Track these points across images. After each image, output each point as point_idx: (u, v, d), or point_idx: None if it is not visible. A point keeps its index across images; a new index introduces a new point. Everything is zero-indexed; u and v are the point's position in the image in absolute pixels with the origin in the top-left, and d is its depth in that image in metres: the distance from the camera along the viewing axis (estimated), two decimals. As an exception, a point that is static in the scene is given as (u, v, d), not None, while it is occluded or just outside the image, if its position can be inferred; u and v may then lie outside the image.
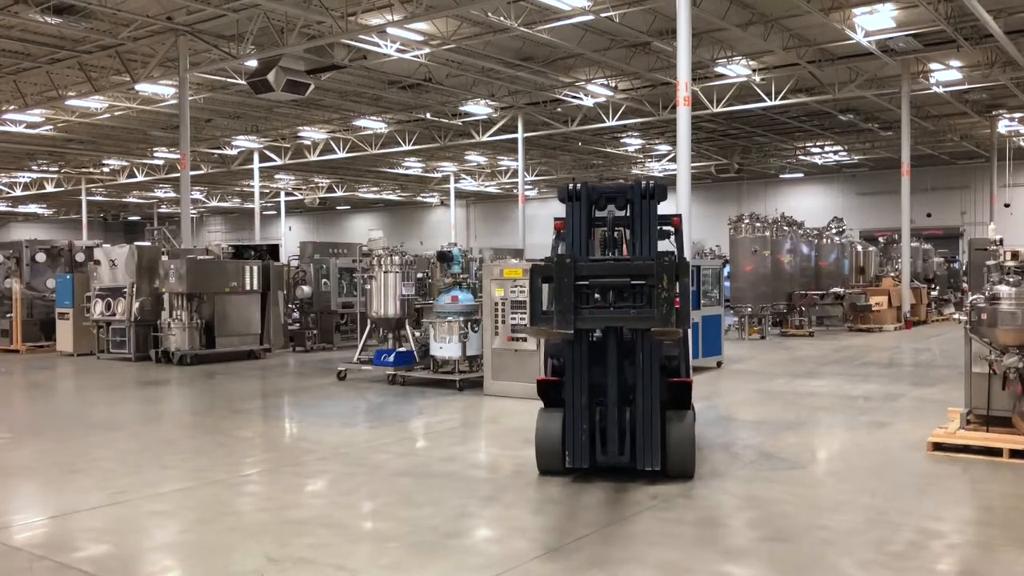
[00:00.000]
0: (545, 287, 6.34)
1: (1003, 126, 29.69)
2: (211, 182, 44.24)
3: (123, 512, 6.03)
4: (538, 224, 35.06)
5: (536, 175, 41.12)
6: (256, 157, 34.37)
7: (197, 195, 47.90)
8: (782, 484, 6.55)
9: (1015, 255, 7.48)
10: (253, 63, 18.81)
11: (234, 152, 34.63)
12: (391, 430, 9.15)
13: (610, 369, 6.41)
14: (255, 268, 16.40)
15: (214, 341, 15.73)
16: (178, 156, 19.57)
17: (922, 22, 17.83)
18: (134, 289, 16.19)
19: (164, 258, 16.07)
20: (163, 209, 53.29)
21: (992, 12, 16.35)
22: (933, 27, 17.99)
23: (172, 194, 46.52)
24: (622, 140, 33.56)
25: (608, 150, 35.01)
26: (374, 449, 8.04)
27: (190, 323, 15.36)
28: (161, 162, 36.58)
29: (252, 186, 37.08)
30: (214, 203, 52.18)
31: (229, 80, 21.71)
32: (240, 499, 6.49)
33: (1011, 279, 7.34)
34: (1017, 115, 28.36)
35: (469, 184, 44.46)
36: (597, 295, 6.18)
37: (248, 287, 16.20)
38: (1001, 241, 8.34)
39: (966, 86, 23.29)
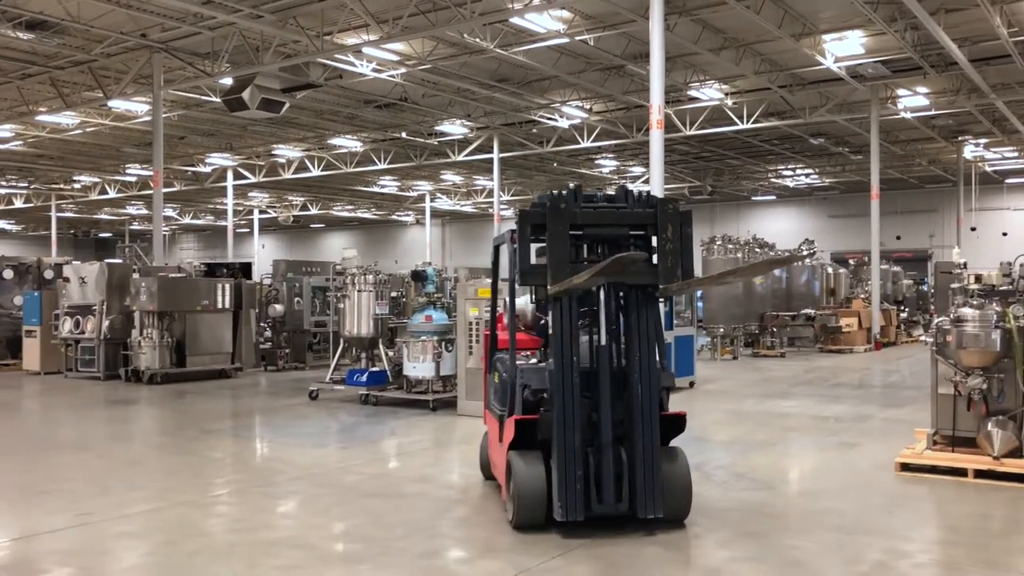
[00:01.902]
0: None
1: (969, 151, 30.27)
2: (184, 199, 43.92)
3: (89, 534, 5.94)
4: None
5: (512, 195, 41.25)
6: (230, 174, 34.19)
7: (170, 212, 47.52)
8: (751, 505, 6.59)
9: (979, 278, 7.63)
10: (228, 81, 18.78)
11: (208, 169, 34.43)
12: (363, 450, 9.09)
13: (603, 403, 5.56)
14: (227, 286, 16.28)
15: (185, 360, 15.56)
16: (151, 173, 19.45)
17: (890, 49, 18.19)
18: (104, 307, 16.00)
19: (135, 276, 15.92)
20: (135, 226, 52.79)
21: (957, 41, 16.72)
22: (901, 54, 18.36)
23: (144, 211, 46.10)
24: (597, 161, 33.81)
25: (583, 171, 35.24)
26: (345, 470, 7.99)
27: (161, 342, 15.20)
28: (133, 179, 36.29)
29: (225, 203, 36.86)
30: (187, 220, 51.78)
31: (203, 98, 21.63)
32: (209, 520, 6.42)
33: (975, 302, 7.48)
34: (982, 141, 28.94)
35: (444, 203, 44.50)
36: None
37: (220, 305, 16.07)
38: (965, 265, 8.48)
39: (933, 112, 23.74)
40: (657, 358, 5.70)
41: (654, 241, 5.71)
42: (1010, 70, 19.60)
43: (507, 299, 6.47)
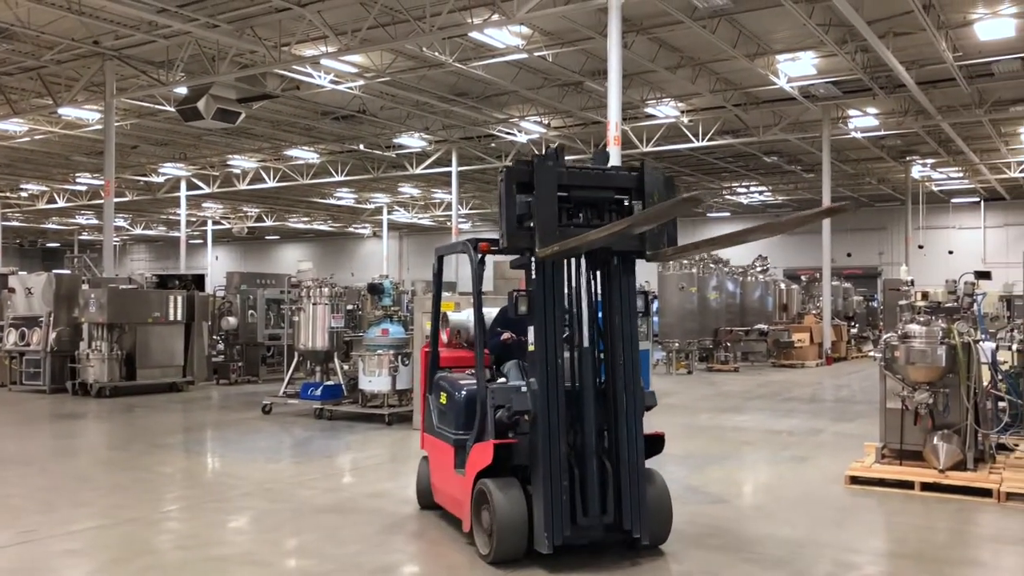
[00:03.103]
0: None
1: (917, 171, 31.03)
2: (136, 209, 43.16)
3: (32, 551, 5.78)
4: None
5: (470, 208, 41.27)
6: (183, 185, 33.69)
7: (121, 222, 46.65)
8: (707, 518, 6.64)
9: (925, 295, 7.82)
10: (183, 90, 18.53)
11: (161, 179, 33.89)
12: (317, 465, 8.99)
13: (587, 416, 5.30)
14: (179, 298, 16.02)
15: (135, 373, 15.25)
16: (102, 182, 19.08)
17: (841, 70, 18.61)
18: (51, 318, 15.63)
19: (84, 287, 15.59)
20: (85, 236, 51.70)
21: (905, 64, 17.17)
22: (851, 76, 18.79)
23: (95, 221, 45.19)
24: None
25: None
26: (300, 485, 7.89)
27: (110, 354, 14.88)
28: (83, 188, 35.56)
29: (179, 214, 36.27)
30: (138, 231, 50.90)
31: (157, 107, 21.31)
32: (158, 537, 6.29)
33: (922, 319, 7.67)
34: (929, 161, 29.69)
35: (402, 216, 44.35)
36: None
37: (172, 318, 15.80)
38: (913, 282, 8.70)
39: (882, 132, 24.34)
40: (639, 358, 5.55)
41: (636, 208, 5.46)
42: (955, 93, 20.19)
43: (473, 313, 6.09)
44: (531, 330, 5.29)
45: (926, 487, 7.33)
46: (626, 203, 5.52)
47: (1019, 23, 15.59)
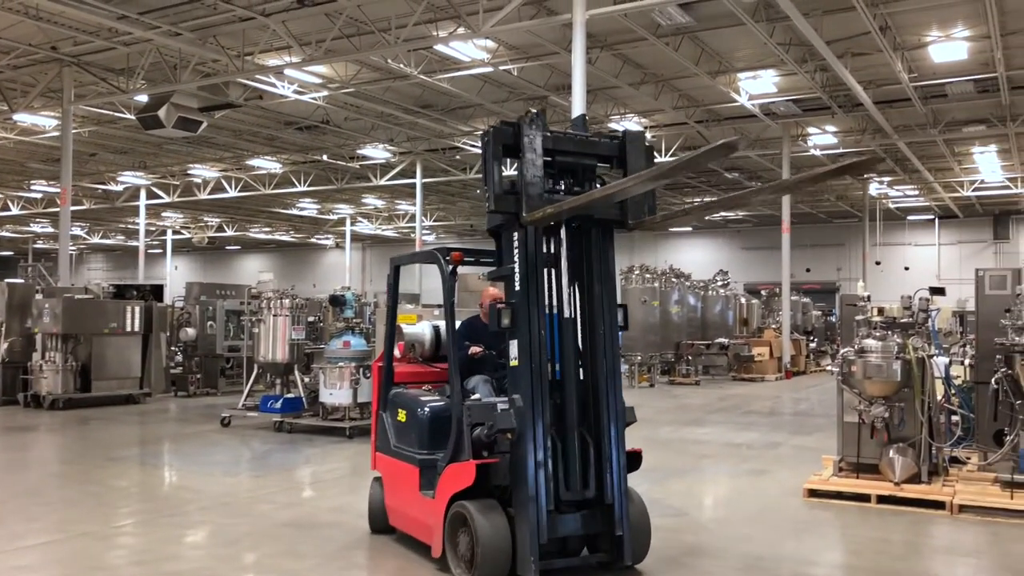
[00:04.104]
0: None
1: (874, 189, 31.63)
2: (94, 218, 42.43)
3: (-20, 568, 5.63)
4: (434, 270, 34.99)
5: (434, 220, 41.21)
6: (143, 194, 33.20)
7: (78, 231, 45.80)
8: (667, 531, 6.67)
9: (881, 311, 7.96)
10: (143, 98, 18.29)
11: (119, 188, 33.36)
12: (276, 479, 8.88)
13: (568, 400, 5.17)
14: (137, 309, 15.77)
15: (90, 385, 14.95)
16: (58, 190, 18.73)
17: (801, 89, 18.94)
18: (3, 328, 15.28)
19: (38, 296, 15.26)
20: (39, 245, 50.67)
21: (863, 83, 17.53)
22: (811, 94, 19.14)
23: (50, 229, 44.32)
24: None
25: (505, 198, 35.48)
26: (258, 499, 7.79)
27: (64, 365, 14.58)
28: (39, 195, 34.86)
29: (137, 223, 35.72)
30: (96, 240, 49.98)
31: (117, 114, 21.01)
32: (112, 552, 6.16)
33: (877, 333, 7.80)
34: (886, 179, 30.30)
35: (365, 227, 44.13)
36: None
37: (129, 328, 15.53)
38: (869, 298, 8.85)
39: (840, 150, 24.78)
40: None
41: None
42: (911, 113, 20.66)
43: (445, 325, 5.90)
44: (513, 344, 5.06)
45: (882, 500, 7.45)
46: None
47: (971, 46, 16.01)
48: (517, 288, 5.06)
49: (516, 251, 5.07)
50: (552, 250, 5.22)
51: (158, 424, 13.32)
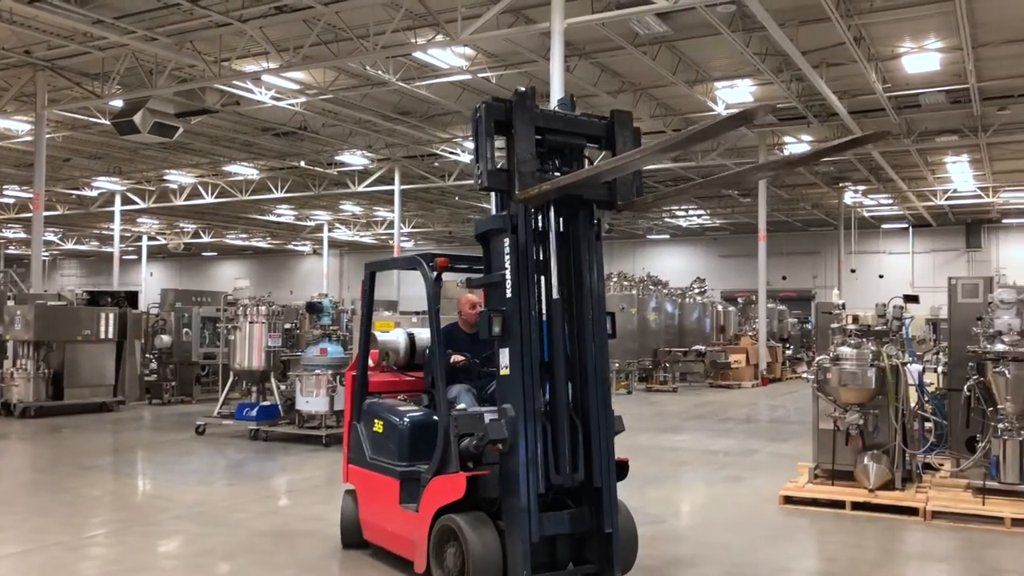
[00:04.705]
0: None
1: (849, 197, 31.97)
2: (67, 224, 41.96)
3: (-53, 580, 5.54)
4: (413, 277, 34.93)
5: (412, 227, 41.15)
6: (118, 199, 32.89)
7: (51, 237, 45.26)
8: (646, 539, 6.67)
9: (856, 319, 8.04)
10: (119, 103, 18.13)
11: (94, 193, 33.03)
12: (252, 488, 8.81)
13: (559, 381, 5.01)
14: (111, 316, 15.59)
15: (62, 392, 14.77)
16: (31, 195, 18.51)
17: (777, 98, 19.10)
18: (-27, 335, 15.07)
19: (10, 303, 15.07)
20: (11, 251, 50.01)
21: (837, 93, 17.72)
22: (787, 103, 19.31)
23: (23, 235, 43.78)
24: (497, 196, 34.09)
25: (484, 205, 35.43)
26: (233, 508, 7.71)
27: (36, 373, 14.39)
28: (11, 201, 34.43)
29: (112, 229, 35.38)
30: (70, 246, 49.44)
31: (92, 119, 20.81)
32: (83, 562, 6.07)
33: (852, 341, 7.87)
34: (861, 188, 30.63)
35: (343, 234, 43.97)
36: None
37: (103, 335, 15.35)
38: (844, 305, 8.94)
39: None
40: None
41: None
42: (885, 123, 20.89)
43: (431, 335, 5.71)
44: (504, 352, 4.90)
45: (857, 506, 7.50)
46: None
47: (943, 57, 16.23)
48: (508, 295, 4.90)
49: (507, 257, 4.93)
50: (542, 257, 5.10)
51: (132, 432, 13.17)
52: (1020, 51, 15.92)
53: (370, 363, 6.46)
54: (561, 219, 5.18)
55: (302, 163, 27.05)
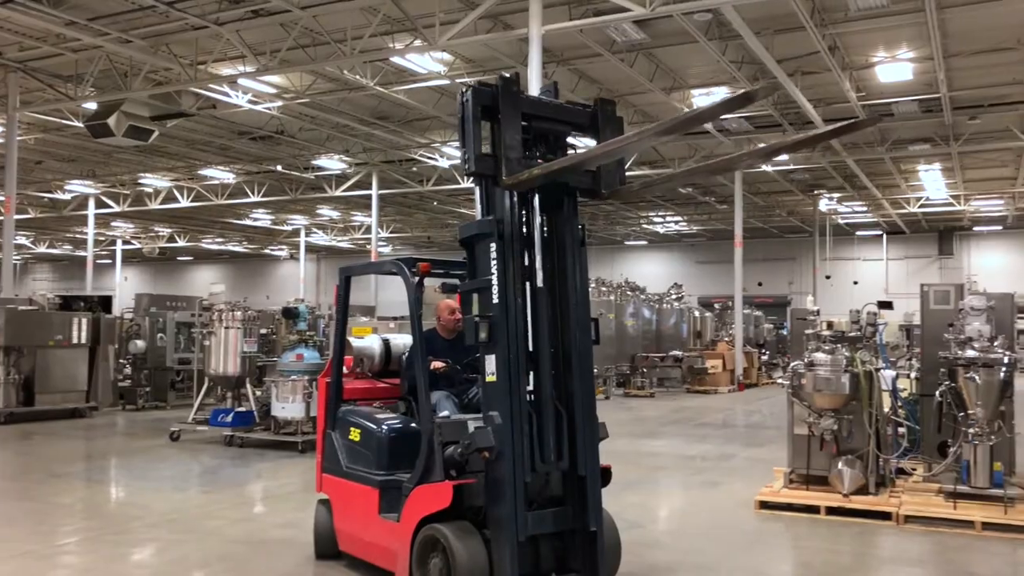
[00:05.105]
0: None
1: (824, 204, 32.30)
2: (39, 227, 41.45)
3: (-87, 590, 5.44)
4: (390, 281, 34.82)
5: (390, 232, 41.04)
6: (91, 203, 32.53)
7: (22, 240, 44.69)
8: (623, 544, 6.68)
9: (830, 325, 8.11)
10: (92, 105, 17.95)
11: (67, 196, 32.66)
12: (226, 495, 8.73)
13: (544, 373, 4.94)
14: (84, 320, 15.42)
15: (33, 398, 14.57)
16: (2, 198, 18.27)
17: (753, 106, 19.26)
18: (-58, 340, 14.83)
19: (-20, 307, 14.84)
20: (-18, 254, 49.32)
21: (812, 102, 17.90)
22: (762, 111, 19.50)
23: (-6, 238, 43.18)
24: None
25: (463, 211, 35.45)
26: (207, 515, 7.64)
27: (6, 379, 14.18)
28: (-18, 203, 33.97)
29: (86, 233, 35.00)
30: (42, 249, 48.82)
31: (65, 121, 20.58)
32: (53, 572, 5.99)
33: (827, 347, 7.95)
34: (835, 195, 30.95)
35: (320, 238, 43.77)
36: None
37: (75, 341, 15.17)
38: (818, 312, 9.02)
39: (791, 167, 25.26)
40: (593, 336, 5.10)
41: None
42: (859, 132, 21.13)
43: (413, 341, 5.66)
44: (490, 359, 4.81)
45: (831, 511, 7.56)
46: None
47: (916, 67, 16.45)
48: (495, 301, 4.80)
49: (494, 262, 4.84)
50: (528, 262, 5.04)
51: (104, 439, 13.02)
52: (989, 62, 16.18)
53: (344, 370, 6.38)
54: (545, 212, 5.13)
55: (279, 167, 26.90)
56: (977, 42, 15.18)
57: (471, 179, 5.05)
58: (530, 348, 4.93)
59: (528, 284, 5.00)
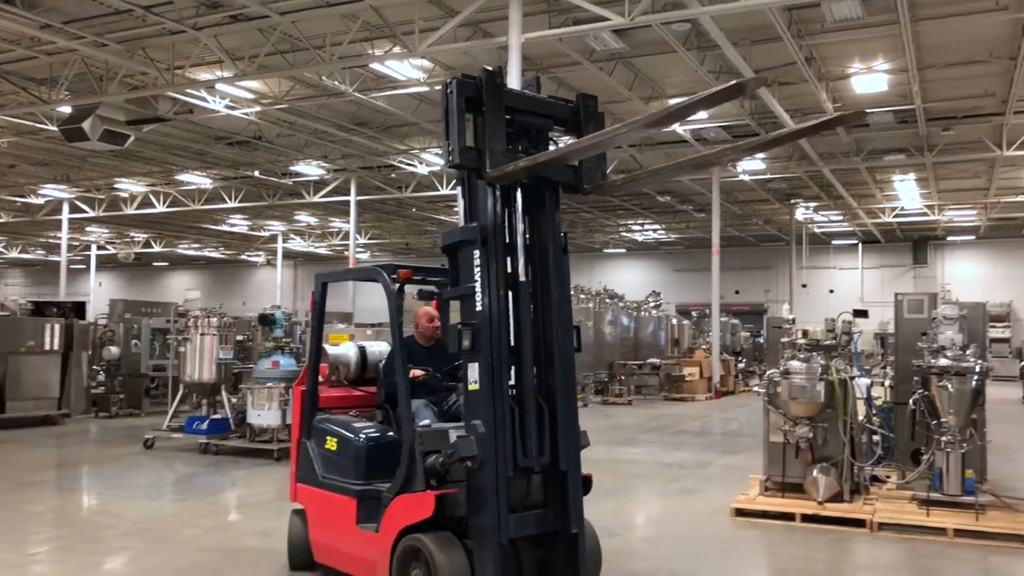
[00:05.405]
0: None
1: (800, 213, 32.58)
2: (12, 231, 40.91)
3: None
4: (368, 288, 34.70)
5: (368, 238, 40.89)
6: (66, 207, 32.15)
7: (-6, 245, 44.17)
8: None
9: (806, 333, 8.17)
10: (67, 109, 17.77)
11: (41, 201, 32.28)
12: (201, 503, 8.64)
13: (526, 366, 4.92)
14: (56, 326, 15.25)
15: (4, 405, 14.36)
16: (-26, 202, 18.05)
17: (731, 116, 19.43)
18: (-89, 346, 14.60)
19: (-50, 313, 14.65)
20: (-47, 258, 48.69)
21: (789, 112, 18.07)
22: (740, 121, 19.64)
23: (-35, 243, 42.66)
24: (455, 208, 34.01)
25: (442, 217, 35.41)
26: (181, 523, 7.56)
27: (-23, 385, 14.01)
28: (-46, 207, 33.56)
29: (59, 238, 34.59)
30: (14, 254, 48.21)
31: (39, 125, 20.34)
32: (22, 582, 5.90)
33: (802, 355, 8.01)
34: (812, 204, 31.23)
35: (298, 244, 43.54)
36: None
37: (48, 347, 15.00)
38: (794, 320, 9.10)
39: (768, 176, 25.48)
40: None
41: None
42: (835, 142, 21.38)
43: (393, 349, 5.64)
44: (473, 367, 4.78)
45: (806, 519, 7.61)
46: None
47: (891, 78, 16.65)
48: (479, 308, 4.77)
49: (477, 269, 4.81)
50: (510, 268, 4.99)
51: (77, 446, 12.86)
52: (962, 74, 16.42)
53: (319, 378, 6.32)
54: (527, 210, 5.11)
55: (256, 173, 26.73)
56: (951, 55, 15.40)
57: (455, 172, 5.02)
58: (512, 343, 4.91)
59: (511, 279, 4.97)
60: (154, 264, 53.28)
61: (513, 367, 4.90)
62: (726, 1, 12.05)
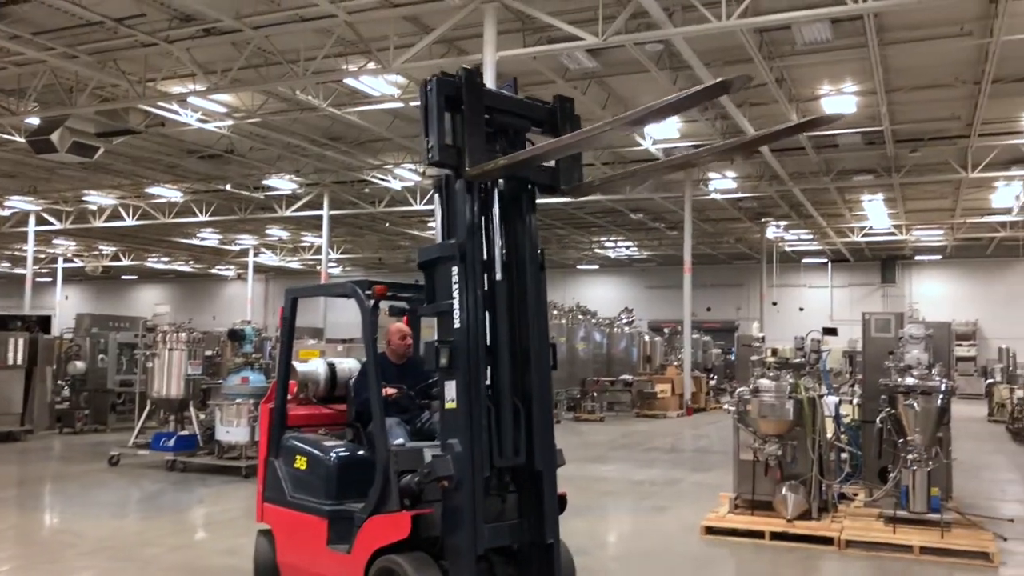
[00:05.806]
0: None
1: (771, 232, 32.93)
2: (-24, 243, 40.29)
3: None
4: (339, 303, 34.48)
5: (341, 253, 40.70)
6: (32, 219, 31.71)
7: (-41, 257, 43.41)
8: (568, 571, 6.66)
9: (775, 352, 8.23)
10: (35, 120, 17.55)
11: (6, 213, 31.79)
12: (167, 521, 8.51)
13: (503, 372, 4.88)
14: (20, 340, 15.01)
15: (-35, 421, 14.11)
16: (-62, 214, 17.75)
17: (702, 135, 19.64)
18: None
19: (-89, 326, 14.36)
20: (-85, 270, 47.77)
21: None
22: (711, 140, 19.83)
23: (-72, 254, 41.88)
24: (429, 224, 33.99)
25: (415, 232, 35.35)
26: (146, 542, 7.44)
27: (-63, 400, 13.73)
28: (-83, 218, 32.94)
29: (25, 250, 34.07)
30: (-22, 266, 47.49)
31: (5, 136, 20.07)
32: (-20, 603, 5.77)
33: (771, 374, 8.07)
34: (782, 223, 31.60)
35: (269, 258, 43.24)
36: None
37: (11, 362, 14.75)
38: (763, 339, 9.17)
39: (740, 195, 25.75)
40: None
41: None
42: (805, 161, 21.66)
43: (368, 366, 5.52)
44: (450, 385, 4.71)
45: (775, 536, 7.64)
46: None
47: (860, 100, 16.93)
48: (457, 325, 4.70)
49: (455, 285, 4.73)
50: (487, 286, 4.92)
51: (40, 463, 12.62)
52: (929, 97, 16.73)
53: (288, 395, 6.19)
54: (504, 216, 5.07)
55: (228, 186, 26.54)
56: (918, 78, 15.70)
57: (429, 186, 5.01)
58: (488, 343, 4.86)
59: (487, 277, 4.92)
60: (122, 277, 52.61)
61: (489, 366, 4.83)
62: (698, 23, 12.20)
